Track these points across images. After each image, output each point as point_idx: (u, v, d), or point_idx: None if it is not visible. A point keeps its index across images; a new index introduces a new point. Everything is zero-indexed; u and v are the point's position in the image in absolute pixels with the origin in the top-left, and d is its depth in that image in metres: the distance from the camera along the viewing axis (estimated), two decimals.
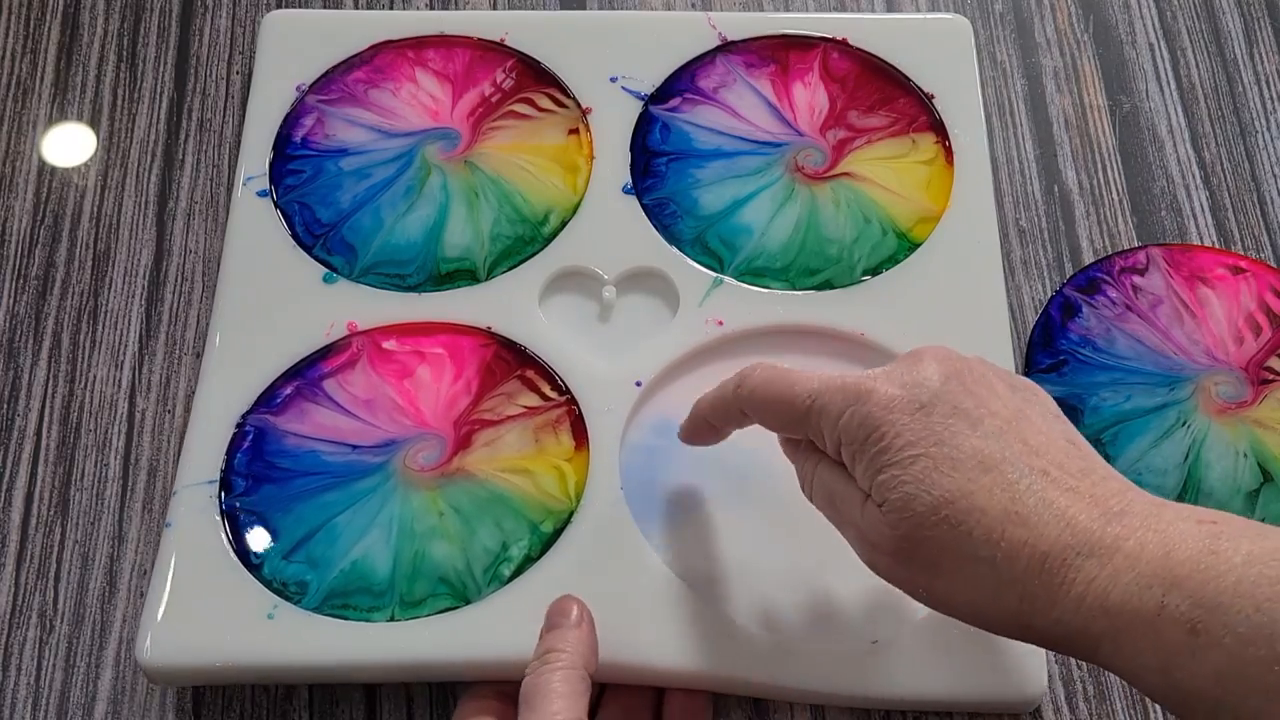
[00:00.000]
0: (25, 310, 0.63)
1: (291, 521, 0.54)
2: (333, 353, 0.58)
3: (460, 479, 0.55)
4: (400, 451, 0.56)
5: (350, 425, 0.57)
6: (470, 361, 0.58)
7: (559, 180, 0.63)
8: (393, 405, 0.57)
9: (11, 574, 0.57)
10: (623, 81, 0.65)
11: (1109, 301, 0.61)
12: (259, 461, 0.56)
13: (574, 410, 0.56)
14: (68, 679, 0.55)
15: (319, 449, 0.56)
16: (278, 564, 0.54)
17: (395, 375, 0.58)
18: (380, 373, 0.58)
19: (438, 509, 0.55)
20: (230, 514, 0.54)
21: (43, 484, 0.59)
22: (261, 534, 0.54)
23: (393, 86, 0.66)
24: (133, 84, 0.68)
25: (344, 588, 0.53)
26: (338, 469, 0.56)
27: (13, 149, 0.67)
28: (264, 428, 0.57)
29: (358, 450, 0.56)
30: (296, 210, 0.63)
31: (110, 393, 0.61)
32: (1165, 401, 0.58)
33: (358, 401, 0.57)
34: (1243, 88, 0.68)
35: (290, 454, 0.56)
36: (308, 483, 0.55)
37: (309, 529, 0.54)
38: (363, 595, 0.53)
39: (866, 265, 0.61)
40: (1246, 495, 0.56)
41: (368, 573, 0.53)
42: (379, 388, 0.58)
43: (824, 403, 0.46)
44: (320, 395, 0.58)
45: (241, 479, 0.55)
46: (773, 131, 0.64)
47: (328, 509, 0.55)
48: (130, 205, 0.65)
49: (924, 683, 0.52)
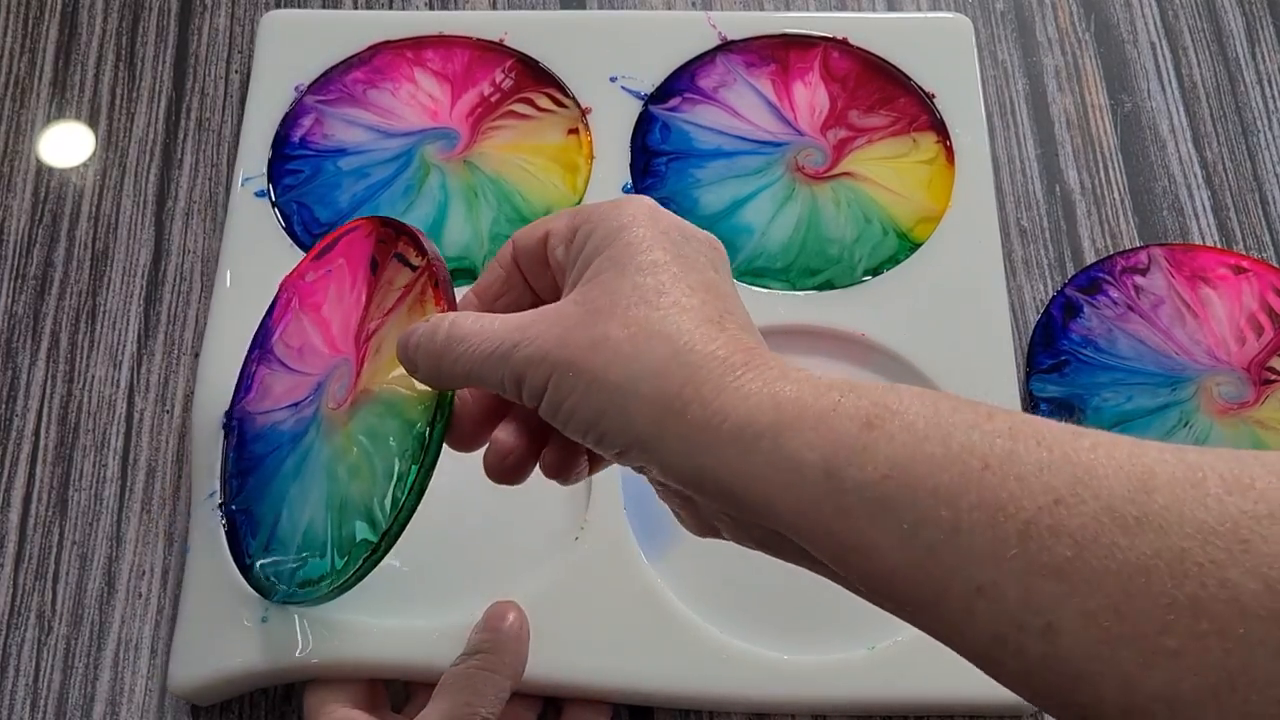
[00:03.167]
0: (23, 310, 0.62)
1: (265, 509, 0.51)
2: (276, 308, 0.53)
3: (365, 402, 0.47)
4: (324, 393, 0.49)
5: (294, 382, 0.51)
6: (359, 260, 0.50)
7: (558, 180, 0.63)
8: (317, 342, 0.50)
9: (10, 574, 0.57)
10: (622, 81, 0.65)
11: (1110, 301, 0.61)
12: (244, 455, 0.53)
13: (437, 269, 0.45)
14: (66, 679, 0.55)
15: (276, 419, 0.51)
16: (261, 558, 0.51)
17: (314, 308, 0.51)
18: (306, 311, 0.52)
19: (351, 445, 0.47)
20: (230, 519, 0.54)
21: (41, 484, 0.58)
22: (249, 532, 0.52)
23: (391, 86, 0.66)
24: (131, 83, 0.68)
25: (299, 569, 0.48)
26: (287, 437, 0.50)
27: (11, 148, 0.67)
28: (242, 417, 0.54)
29: (297, 407, 0.50)
30: (295, 210, 0.62)
31: (109, 393, 0.60)
32: (1167, 402, 0.58)
33: (293, 353, 0.52)
34: (1244, 87, 0.68)
35: (261, 436, 0.52)
36: (272, 461, 0.51)
37: (275, 512, 0.50)
38: (315, 563, 0.47)
39: (867, 265, 0.61)
40: None
41: (312, 539, 0.47)
42: (307, 331, 0.51)
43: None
44: (274, 361, 0.52)
45: (235, 479, 0.54)
46: (773, 131, 0.64)
47: (285, 483, 0.50)
48: (129, 205, 0.65)
49: (923, 687, 0.52)
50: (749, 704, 0.53)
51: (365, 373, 0.46)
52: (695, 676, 0.52)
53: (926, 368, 0.58)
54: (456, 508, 0.56)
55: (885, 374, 0.59)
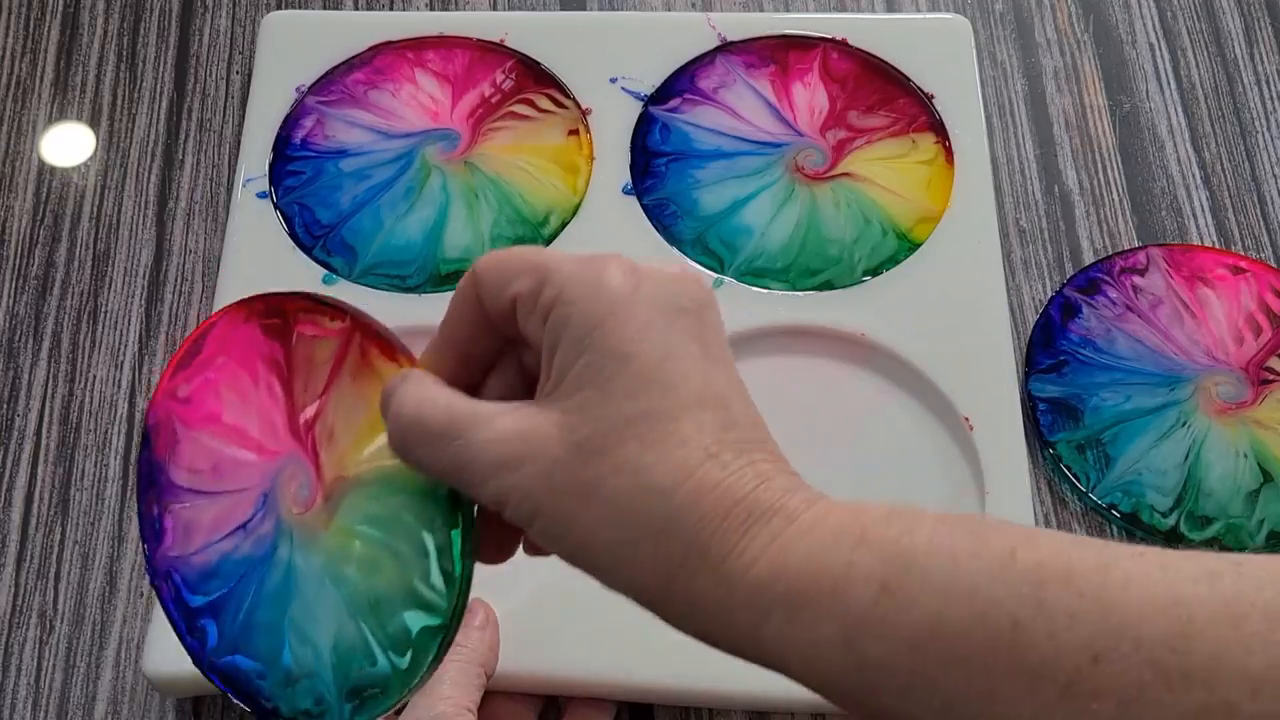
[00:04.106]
0: (25, 310, 0.63)
1: (260, 646, 0.43)
2: (152, 442, 0.43)
3: (345, 492, 0.41)
4: (277, 501, 0.42)
5: (224, 505, 0.43)
6: (247, 351, 0.43)
7: (559, 181, 0.63)
8: (234, 454, 0.43)
9: (11, 574, 0.57)
10: (623, 82, 0.65)
11: (1109, 302, 0.61)
12: (196, 603, 0.43)
13: (368, 322, 0.42)
14: (68, 679, 0.55)
15: (221, 550, 0.43)
16: (290, 695, 0.43)
17: (209, 420, 0.43)
18: (198, 428, 0.43)
19: (350, 540, 0.41)
20: (224, 675, 0.44)
21: (43, 484, 0.59)
22: (255, 677, 0.43)
23: (392, 87, 0.66)
24: (132, 84, 0.68)
25: (347, 688, 0.42)
26: (250, 563, 0.43)
27: (12, 149, 0.67)
28: (170, 567, 0.43)
29: (246, 528, 0.43)
30: (296, 211, 0.63)
31: (110, 393, 0.61)
32: (1165, 402, 0.58)
33: (204, 476, 0.43)
34: (1243, 88, 0.68)
35: (211, 575, 0.43)
36: (239, 595, 0.43)
37: (276, 645, 0.43)
38: (367, 672, 0.41)
39: (867, 265, 0.61)
40: (1247, 495, 0.56)
41: (350, 652, 0.41)
42: (211, 448, 0.43)
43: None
44: (180, 494, 0.44)
45: (194, 636, 0.43)
46: (773, 132, 0.64)
47: (274, 611, 0.43)
48: (130, 205, 0.65)
49: None
50: (750, 702, 0.53)
51: (327, 463, 0.41)
52: (696, 674, 0.52)
53: (926, 368, 0.58)
54: None
55: (885, 374, 0.59)
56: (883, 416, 0.58)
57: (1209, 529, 0.56)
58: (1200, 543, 0.56)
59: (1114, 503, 0.56)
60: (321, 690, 0.42)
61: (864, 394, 0.59)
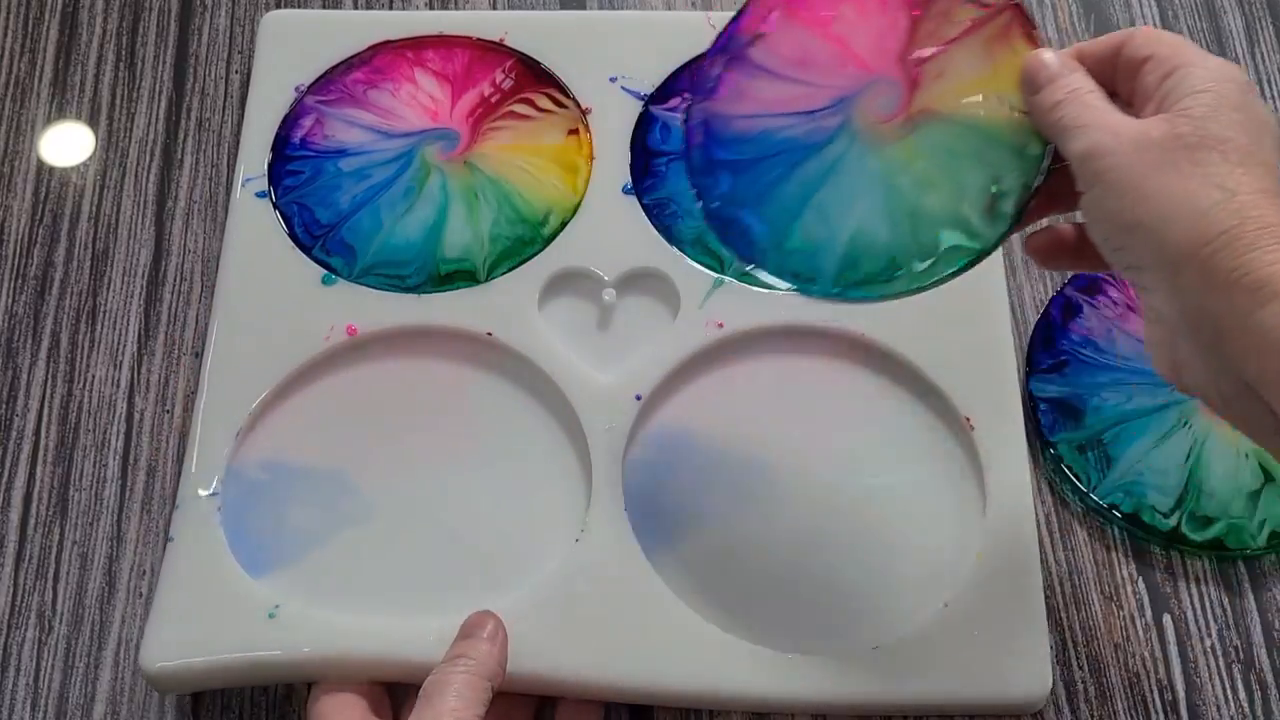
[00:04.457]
0: (24, 310, 0.62)
1: (772, 211, 0.50)
2: (744, 17, 0.51)
3: (929, 122, 0.49)
4: (854, 107, 0.50)
5: (795, 92, 0.50)
6: None
7: (558, 181, 0.63)
8: (826, 58, 0.50)
9: (10, 574, 0.57)
10: (622, 81, 0.65)
11: (1110, 301, 0.61)
12: (720, 155, 0.51)
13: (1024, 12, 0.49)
14: (66, 679, 0.55)
15: (773, 125, 0.50)
16: (777, 256, 0.50)
17: (818, 24, 0.50)
18: (803, 25, 0.51)
19: (915, 159, 0.49)
20: (716, 217, 0.51)
21: (41, 484, 0.59)
22: (743, 232, 0.50)
23: (392, 87, 0.66)
24: (131, 83, 0.68)
25: (847, 271, 0.49)
26: (798, 145, 0.50)
27: (11, 148, 0.67)
28: (708, 117, 0.51)
29: (812, 116, 0.50)
30: (295, 211, 0.62)
31: (109, 393, 0.60)
32: (1167, 401, 0.58)
33: (786, 62, 0.51)
34: None
35: (748, 140, 0.50)
36: (773, 165, 0.50)
37: (790, 215, 0.50)
38: (876, 266, 0.49)
39: None
40: (1248, 495, 0.56)
41: (867, 246, 0.49)
42: (807, 44, 0.51)
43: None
44: (750, 67, 0.51)
45: (706, 178, 0.51)
46: None
47: (804, 188, 0.50)
48: (129, 205, 0.65)
49: (927, 686, 0.52)
50: (750, 703, 0.53)
51: (923, 95, 0.49)
52: (696, 675, 0.52)
53: (927, 368, 0.58)
54: (458, 509, 0.56)
55: (885, 374, 0.59)
56: (883, 416, 0.58)
57: (1210, 529, 0.56)
58: (1202, 543, 0.55)
59: (1115, 503, 0.56)
60: (819, 265, 0.49)
61: (864, 394, 0.59)
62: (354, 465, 0.57)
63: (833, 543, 0.55)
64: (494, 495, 0.56)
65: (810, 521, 0.56)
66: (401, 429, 0.58)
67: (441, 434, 0.58)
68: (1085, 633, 0.55)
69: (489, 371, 0.59)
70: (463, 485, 0.57)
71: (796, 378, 0.59)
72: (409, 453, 0.57)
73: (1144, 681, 0.54)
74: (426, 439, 0.58)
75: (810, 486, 0.57)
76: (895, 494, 0.56)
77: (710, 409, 0.58)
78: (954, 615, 0.53)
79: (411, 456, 0.57)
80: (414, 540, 0.55)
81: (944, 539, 0.55)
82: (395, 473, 0.57)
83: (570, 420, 0.57)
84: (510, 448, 0.57)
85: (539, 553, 0.55)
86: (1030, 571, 0.54)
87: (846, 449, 0.57)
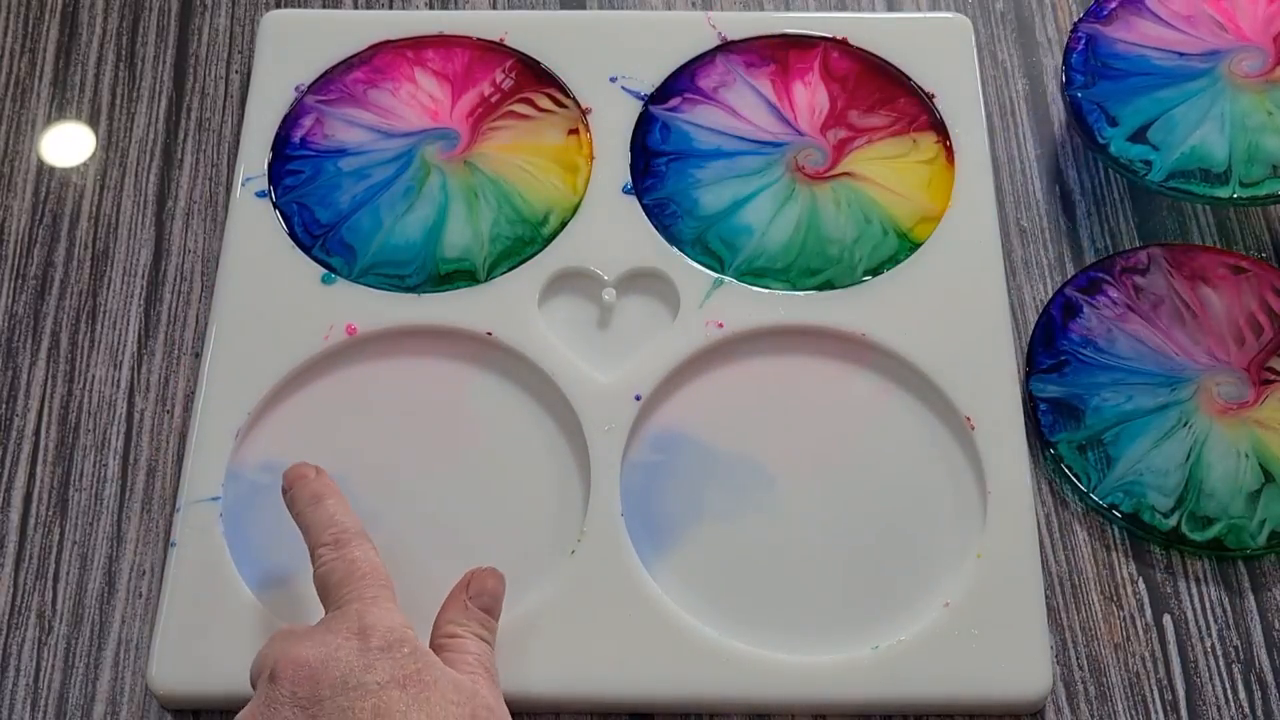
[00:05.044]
0: (24, 310, 0.62)
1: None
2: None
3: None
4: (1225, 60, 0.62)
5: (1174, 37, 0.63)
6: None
7: (559, 180, 0.63)
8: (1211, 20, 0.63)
9: (10, 574, 0.57)
10: (623, 81, 0.65)
11: (1110, 301, 0.61)
12: (1095, 62, 0.64)
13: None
14: (66, 679, 0.55)
15: (1148, 55, 0.63)
16: None
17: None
18: None
19: (1265, 108, 0.61)
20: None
21: (41, 484, 0.59)
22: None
23: (392, 87, 0.66)
24: (131, 83, 0.68)
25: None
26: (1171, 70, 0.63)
27: (11, 148, 0.67)
28: (1094, 35, 0.64)
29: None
30: (295, 211, 0.62)
31: (109, 393, 0.60)
32: (1167, 402, 0.58)
33: (1178, 16, 0.63)
34: None
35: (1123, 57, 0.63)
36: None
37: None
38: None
39: (867, 265, 0.61)
40: (1248, 496, 0.56)
41: None
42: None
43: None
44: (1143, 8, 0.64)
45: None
46: (773, 131, 0.64)
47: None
48: (129, 205, 0.65)
49: (927, 686, 0.52)
50: (750, 706, 0.53)
51: None
52: (695, 680, 0.52)
53: (927, 368, 0.58)
54: (453, 521, 0.56)
55: (885, 374, 0.59)
56: (883, 416, 0.58)
57: (1210, 529, 0.56)
58: (1202, 543, 0.55)
59: (1115, 503, 0.56)
60: (1159, 160, 0.61)
61: (864, 394, 0.59)
62: (353, 466, 0.57)
63: (832, 542, 0.55)
64: (493, 495, 0.56)
65: (810, 521, 0.56)
66: (401, 429, 0.58)
67: (441, 433, 0.58)
68: (1085, 633, 0.55)
69: (489, 371, 0.59)
70: (462, 484, 0.57)
71: (796, 378, 0.59)
72: (408, 453, 0.57)
73: (1144, 681, 0.54)
74: (426, 438, 0.58)
75: (810, 486, 0.57)
76: (895, 494, 0.56)
77: (710, 409, 0.58)
78: (954, 615, 0.53)
79: (411, 456, 0.57)
80: (413, 543, 0.55)
81: (944, 539, 0.55)
82: (395, 473, 0.57)
83: (570, 420, 0.57)
84: (509, 447, 0.57)
85: (537, 555, 0.55)
86: (1030, 571, 0.54)
87: (846, 449, 0.57)
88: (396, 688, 0.45)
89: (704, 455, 0.57)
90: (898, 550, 0.55)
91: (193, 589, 0.54)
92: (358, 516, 0.52)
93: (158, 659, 0.53)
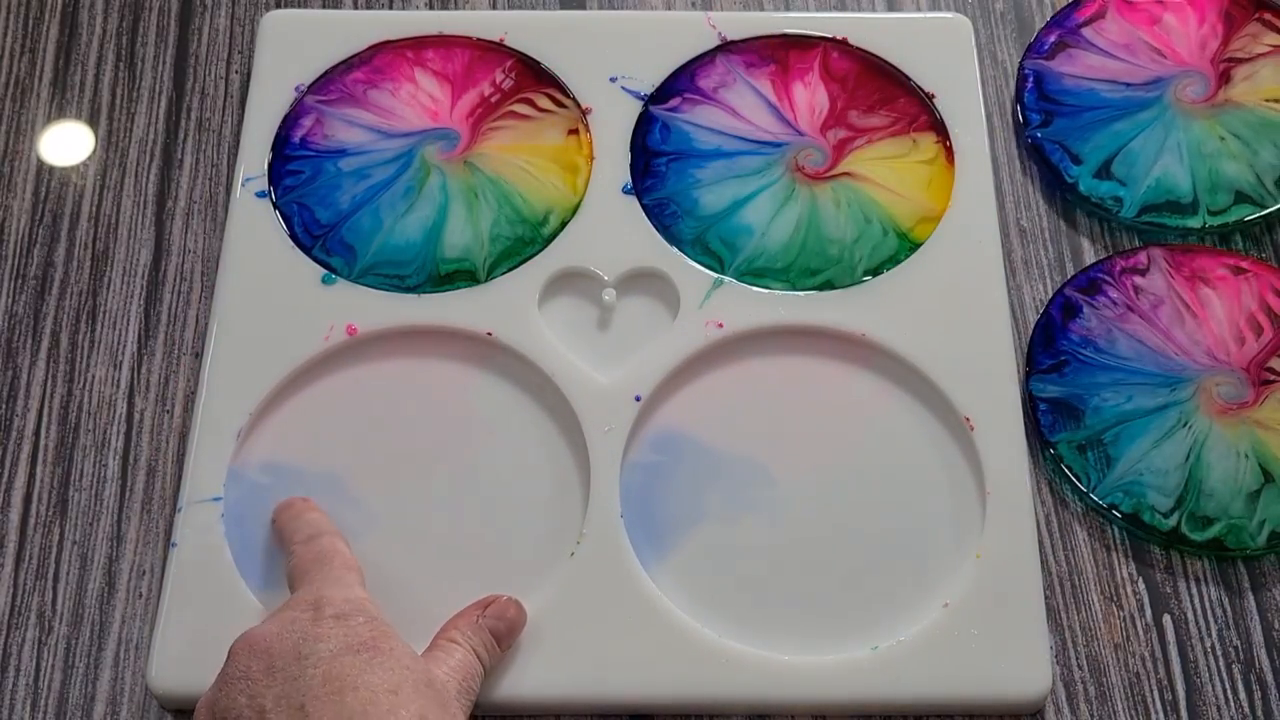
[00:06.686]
0: (24, 310, 0.62)
1: None
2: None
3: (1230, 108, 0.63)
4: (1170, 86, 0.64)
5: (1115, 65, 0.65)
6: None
7: (559, 180, 0.63)
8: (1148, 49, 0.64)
9: (10, 574, 0.57)
10: (622, 81, 0.65)
11: (1110, 302, 0.61)
12: (1046, 100, 0.65)
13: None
14: (66, 679, 0.55)
15: (1096, 88, 0.64)
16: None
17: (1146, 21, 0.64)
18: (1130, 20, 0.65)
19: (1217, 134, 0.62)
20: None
21: (41, 484, 0.59)
22: None
23: (392, 87, 0.66)
24: (131, 83, 0.68)
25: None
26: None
27: (11, 148, 0.67)
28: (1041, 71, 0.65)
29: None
30: (295, 211, 0.63)
31: (109, 393, 0.60)
32: (1166, 402, 0.58)
33: (1117, 45, 0.65)
34: None
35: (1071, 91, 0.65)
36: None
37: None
38: None
39: (867, 265, 0.61)
40: (1248, 496, 0.56)
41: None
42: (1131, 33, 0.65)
43: None
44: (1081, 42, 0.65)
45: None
46: (773, 131, 0.64)
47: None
48: (129, 205, 0.65)
49: (927, 687, 0.52)
50: (750, 706, 0.53)
51: (1225, 90, 0.65)
52: (695, 681, 0.52)
53: (927, 368, 0.58)
54: (452, 521, 0.56)
55: (885, 374, 0.59)
56: (883, 416, 0.58)
57: (1210, 530, 0.56)
58: (1201, 543, 0.55)
59: (1115, 503, 0.56)
60: (1127, 196, 0.62)
61: (864, 394, 0.59)
62: (353, 466, 0.57)
63: (832, 543, 0.55)
64: (492, 496, 0.57)
65: (809, 522, 0.56)
66: (401, 429, 0.58)
67: (441, 434, 0.58)
68: (1085, 633, 0.55)
69: (489, 372, 0.59)
70: (462, 485, 0.57)
71: (796, 378, 0.59)
72: (408, 453, 0.57)
73: (1144, 681, 0.54)
74: (426, 439, 0.58)
75: (809, 487, 0.57)
76: (895, 494, 0.56)
77: (710, 409, 0.58)
78: (954, 615, 0.53)
79: (410, 457, 0.57)
80: (413, 543, 0.55)
81: (944, 539, 0.55)
82: (395, 473, 0.57)
83: (570, 421, 0.57)
84: (509, 448, 0.57)
85: (537, 556, 0.55)
86: (1030, 571, 0.54)
87: (846, 450, 0.57)
88: (349, 654, 0.45)
89: (704, 456, 0.57)
90: (897, 550, 0.55)
91: (193, 589, 0.54)
92: (338, 530, 0.53)
93: (158, 659, 0.53)
